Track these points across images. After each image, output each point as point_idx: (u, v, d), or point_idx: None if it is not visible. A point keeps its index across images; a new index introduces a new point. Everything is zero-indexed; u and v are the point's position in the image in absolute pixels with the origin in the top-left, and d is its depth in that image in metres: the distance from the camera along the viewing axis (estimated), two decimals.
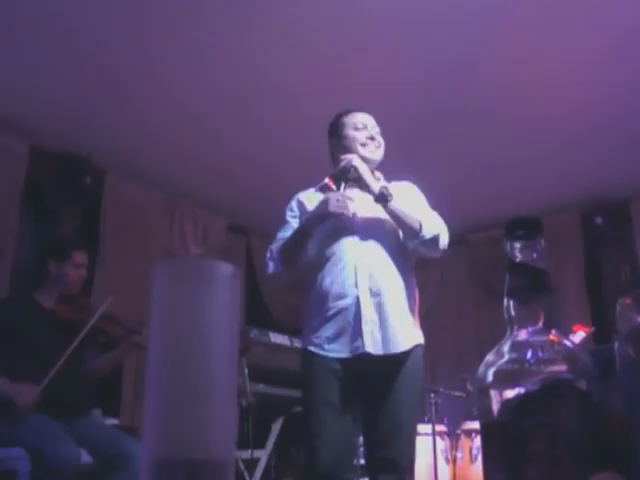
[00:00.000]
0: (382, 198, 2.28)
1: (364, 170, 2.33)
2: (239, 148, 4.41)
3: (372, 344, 2.19)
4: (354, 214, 2.32)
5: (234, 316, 0.58)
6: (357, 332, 2.21)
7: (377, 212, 2.34)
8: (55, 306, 3.05)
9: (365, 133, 2.46)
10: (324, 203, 2.27)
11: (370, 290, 2.24)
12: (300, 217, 2.45)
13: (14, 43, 3.37)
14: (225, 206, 5.23)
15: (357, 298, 2.23)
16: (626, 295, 0.71)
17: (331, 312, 2.25)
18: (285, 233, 2.43)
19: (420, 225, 2.28)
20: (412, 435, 2.30)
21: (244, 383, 3.37)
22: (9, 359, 2.80)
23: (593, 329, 3.90)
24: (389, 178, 2.51)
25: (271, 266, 2.39)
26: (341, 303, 2.25)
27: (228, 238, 5.41)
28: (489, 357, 0.66)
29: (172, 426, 0.53)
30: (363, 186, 2.33)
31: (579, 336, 3.66)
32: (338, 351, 2.22)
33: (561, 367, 0.63)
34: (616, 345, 0.69)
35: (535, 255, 0.67)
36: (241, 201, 5.17)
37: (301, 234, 2.34)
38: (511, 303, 0.66)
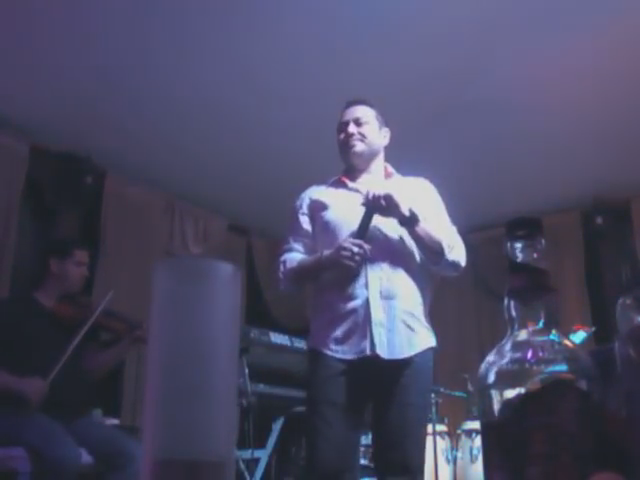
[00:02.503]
0: (409, 222, 2.20)
1: (396, 202, 2.17)
2: (240, 148, 4.41)
3: (380, 347, 2.15)
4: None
5: (234, 316, 0.58)
6: (365, 334, 2.17)
7: (387, 220, 2.27)
8: (55, 305, 3.05)
9: (343, 134, 2.40)
10: (337, 252, 2.17)
11: (381, 292, 2.20)
12: (312, 216, 2.37)
13: (15, 43, 3.37)
14: (225, 206, 5.24)
15: (367, 300, 2.19)
16: (626, 295, 0.71)
17: (340, 313, 2.21)
18: (295, 236, 2.37)
19: (442, 250, 2.23)
20: (422, 437, 2.28)
21: (244, 383, 3.37)
22: (10, 359, 2.80)
23: (593, 329, 3.90)
24: (405, 173, 2.48)
25: (284, 284, 2.35)
26: (350, 304, 2.20)
27: (228, 238, 5.41)
28: (489, 357, 0.66)
29: (172, 426, 0.53)
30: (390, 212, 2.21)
31: (579, 336, 3.66)
32: (345, 352, 2.19)
33: (562, 367, 0.63)
34: (616, 345, 0.69)
35: (535, 255, 0.67)
36: (241, 201, 5.17)
37: (314, 273, 2.30)
38: (512, 303, 0.66)
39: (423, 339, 2.27)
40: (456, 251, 2.29)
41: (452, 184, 4.75)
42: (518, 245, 0.67)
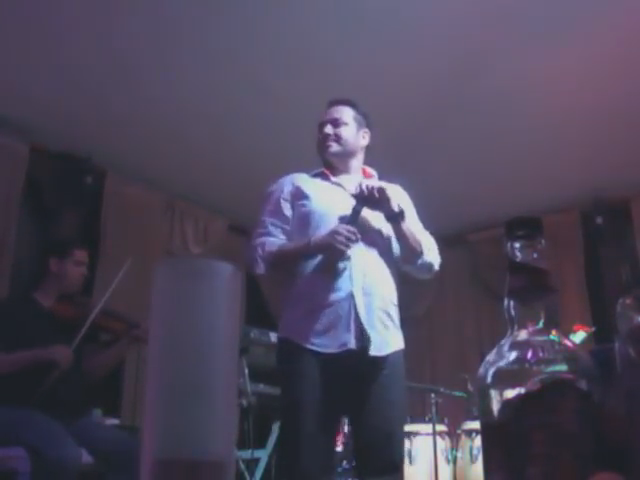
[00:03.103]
0: (397, 217, 2.21)
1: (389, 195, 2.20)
2: (240, 148, 4.41)
3: (362, 342, 2.12)
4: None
5: (234, 316, 0.58)
6: (348, 328, 2.13)
7: (375, 216, 2.29)
8: (54, 305, 3.05)
9: (320, 134, 2.41)
10: (331, 236, 2.14)
11: (363, 288, 2.18)
12: (294, 202, 2.34)
13: (15, 43, 3.37)
14: (226, 206, 5.23)
15: (351, 293, 2.16)
16: (626, 295, 0.71)
17: (321, 304, 2.16)
18: (273, 219, 2.32)
19: (421, 251, 2.27)
20: (401, 435, 2.28)
21: (244, 383, 3.38)
22: None
23: (593, 329, 3.89)
24: (381, 177, 2.49)
25: (262, 267, 2.26)
26: (333, 296, 2.16)
27: (228, 238, 5.41)
28: (489, 357, 0.66)
29: (172, 426, 0.53)
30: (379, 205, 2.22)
31: (580, 336, 3.66)
32: (325, 346, 2.13)
33: (561, 367, 0.63)
34: (616, 345, 0.69)
35: (535, 255, 0.67)
36: (242, 201, 5.15)
37: (297, 258, 2.24)
38: (511, 303, 0.66)
39: (396, 339, 2.28)
40: (433, 253, 2.35)
41: (452, 184, 4.77)
42: (518, 245, 0.67)
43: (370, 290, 2.20)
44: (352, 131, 2.41)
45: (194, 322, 0.55)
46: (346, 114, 2.43)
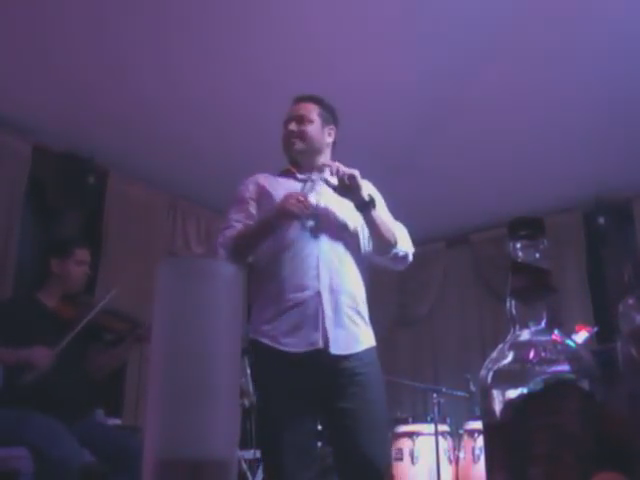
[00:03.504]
0: (368, 205, 2.18)
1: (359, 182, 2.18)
2: (242, 148, 4.41)
3: (330, 341, 2.09)
4: (319, 208, 2.23)
5: (236, 316, 0.58)
6: (315, 327, 2.10)
7: (341, 210, 2.26)
8: (57, 305, 3.05)
9: (285, 132, 2.39)
10: (283, 200, 2.14)
11: (330, 286, 2.15)
12: (256, 200, 2.34)
13: (17, 43, 3.38)
14: (227, 206, 5.23)
15: (318, 292, 2.13)
16: (629, 295, 0.71)
17: (289, 304, 2.13)
18: (237, 215, 2.32)
19: (395, 241, 2.22)
20: (385, 435, 2.19)
21: (246, 383, 3.37)
22: None
23: (596, 329, 3.89)
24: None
25: (222, 254, 2.25)
26: (300, 295, 2.13)
27: None
28: (492, 357, 0.66)
29: (175, 426, 0.53)
30: (347, 192, 2.18)
31: (582, 336, 3.65)
32: (294, 345, 2.10)
33: (564, 367, 0.63)
34: (619, 345, 0.69)
35: (538, 255, 0.67)
36: None
37: (258, 236, 2.22)
38: (513, 303, 0.66)
39: (366, 337, 2.22)
40: (406, 243, 2.29)
41: (453, 184, 4.77)
42: (520, 245, 0.67)
43: (338, 288, 2.16)
44: (317, 128, 2.39)
45: (196, 322, 0.55)
46: (311, 111, 2.41)
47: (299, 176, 2.37)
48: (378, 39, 3.41)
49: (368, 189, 2.30)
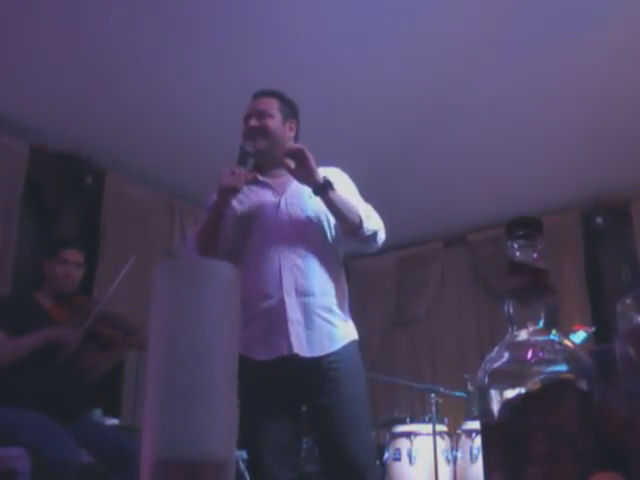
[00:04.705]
0: (324, 187, 2.10)
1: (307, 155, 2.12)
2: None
3: (298, 346, 2.06)
4: (279, 205, 2.20)
5: (234, 316, 0.58)
6: (282, 334, 2.07)
7: (303, 204, 2.22)
8: (51, 307, 3.07)
9: (245, 128, 2.35)
10: (218, 178, 2.13)
11: (296, 290, 2.12)
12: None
13: (15, 43, 3.37)
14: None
15: (282, 299, 2.10)
16: (627, 294, 0.71)
17: (254, 313, 2.11)
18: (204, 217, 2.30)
19: (360, 220, 2.15)
20: (364, 432, 2.14)
21: None
22: None
23: (594, 329, 3.90)
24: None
25: (190, 249, 2.26)
26: (265, 304, 2.11)
27: None
28: (489, 357, 0.66)
29: (173, 426, 0.53)
30: (301, 173, 2.12)
31: (580, 336, 3.66)
32: (263, 354, 2.08)
33: (562, 367, 0.63)
34: (617, 345, 0.69)
35: (535, 255, 0.67)
36: None
37: (210, 222, 2.18)
38: (511, 303, 0.66)
39: (345, 333, 2.18)
40: (374, 221, 2.22)
41: (451, 184, 4.77)
42: (518, 245, 0.67)
43: (305, 291, 2.13)
44: (278, 123, 2.36)
45: (194, 322, 0.55)
46: (271, 106, 2.38)
47: (260, 179, 2.33)
48: (377, 39, 3.41)
49: (334, 175, 2.25)
